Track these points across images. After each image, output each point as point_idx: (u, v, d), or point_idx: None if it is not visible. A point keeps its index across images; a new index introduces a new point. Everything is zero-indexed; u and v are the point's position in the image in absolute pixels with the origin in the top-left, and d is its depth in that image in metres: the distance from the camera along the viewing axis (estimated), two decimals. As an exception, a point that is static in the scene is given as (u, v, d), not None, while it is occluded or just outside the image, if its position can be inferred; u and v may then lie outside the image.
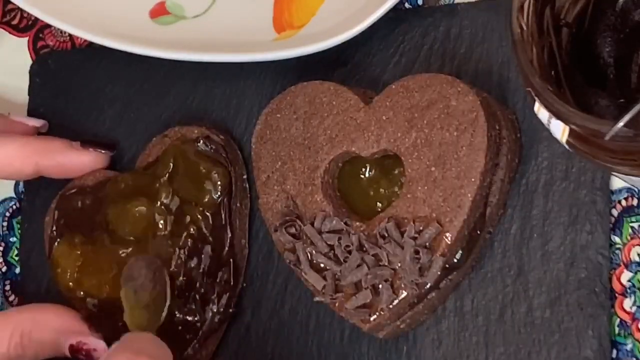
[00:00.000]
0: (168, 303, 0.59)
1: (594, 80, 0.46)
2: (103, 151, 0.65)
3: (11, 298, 0.69)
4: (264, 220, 0.59)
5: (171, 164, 0.62)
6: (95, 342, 0.63)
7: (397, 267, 0.54)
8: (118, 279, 0.62)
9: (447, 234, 0.54)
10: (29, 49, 0.72)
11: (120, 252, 0.62)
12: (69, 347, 0.62)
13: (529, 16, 0.45)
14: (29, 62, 0.71)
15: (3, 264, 0.69)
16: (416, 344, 0.57)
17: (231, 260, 0.61)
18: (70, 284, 0.63)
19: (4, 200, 0.70)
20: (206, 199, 0.61)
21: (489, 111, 0.55)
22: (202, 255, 0.61)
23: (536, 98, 0.44)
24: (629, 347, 0.54)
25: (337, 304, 0.55)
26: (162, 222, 0.61)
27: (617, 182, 0.55)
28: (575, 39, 0.47)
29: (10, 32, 0.73)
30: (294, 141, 0.58)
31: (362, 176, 0.58)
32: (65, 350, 0.62)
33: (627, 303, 0.54)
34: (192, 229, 0.61)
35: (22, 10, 0.72)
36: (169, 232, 0.61)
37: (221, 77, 0.65)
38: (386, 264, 0.54)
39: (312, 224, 0.57)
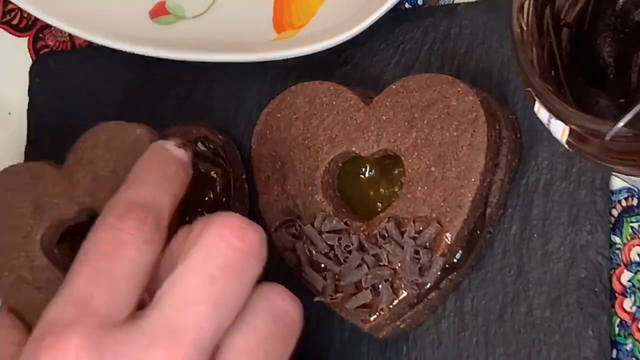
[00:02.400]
0: None
1: (594, 80, 0.46)
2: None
3: (11, 298, 0.69)
4: (264, 220, 0.59)
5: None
6: None
7: (397, 267, 0.54)
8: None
9: (447, 234, 0.54)
10: (29, 49, 0.72)
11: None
12: None
13: (529, 16, 0.45)
14: (29, 62, 0.71)
15: (3, 264, 0.69)
16: (416, 344, 0.57)
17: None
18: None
19: (4, 200, 0.70)
20: (205, 199, 0.61)
21: (489, 111, 0.55)
22: (202, 255, 0.61)
23: (536, 98, 0.44)
24: (629, 347, 0.54)
25: (337, 304, 0.55)
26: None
27: (617, 182, 0.55)
28: (575, 39, 0.47)
29: (10, 32, 0.73)
30: (294, 141, 0.58)
31: (362, 176, 0.58)
32: None
33: (627, 303, 0.54)
34: (191, 229, 0.61)
35: (22, 10, 0.72)
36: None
37: (221, 77, 0.65)
38: (386, 264, 0.54)
39: (312, 224, 0.57)
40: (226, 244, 0.49)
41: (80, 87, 0.69)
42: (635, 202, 0.55)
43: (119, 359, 0.47)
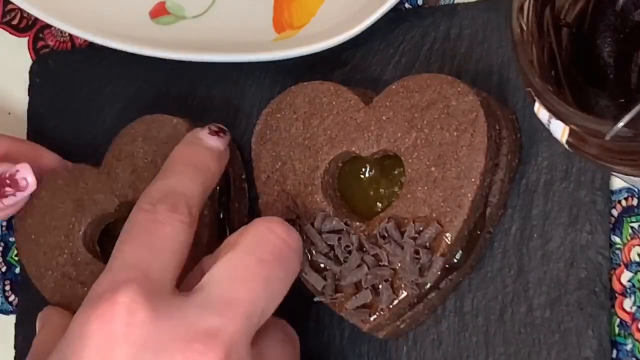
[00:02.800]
0: None
1: (594, 80, 0.46)
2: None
3: (11, 298, 0.69)
4: (264, 220, 0.59)
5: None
6: (21, 167, 0.60)
7: (397, 267, 0.54)
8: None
9: (447, 234, 0.54)
10: (29, 49, 0.72)
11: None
12: None
13: (529, 16, 0.45)
14: (29, 62, 0.71)
15: (3, 264, 0.70)
16: (416, 344, 0.57)
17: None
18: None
19: (4, 200, 0.70)
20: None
21: (489, 111, 0.55)
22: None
23: (536, 98, 0.44)
24: (629, 347, 0.54)
25: (337, 304, 0.55)
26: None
27: (617, 182, 0.55)
28: (575, 39, 0.47)
29: (10, 32, 0.73)
30: (294, 141, 0.58)
31: (362, 176, 0.58)
32: None
33: (627, 303, 0.54)
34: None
35: (22, 10, 0.72)
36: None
37: (221, 77, 0.65)
38: (386, 264, 0.54)
39: (312, 224, 0.57)
40: (275, 235, 0.52)
41: (80, 87, 0.69)
42: (635, 202, 0.55)
43: (173, 322, 0.49)
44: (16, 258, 0.69)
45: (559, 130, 0.45)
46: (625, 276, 0.54)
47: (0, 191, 0.60)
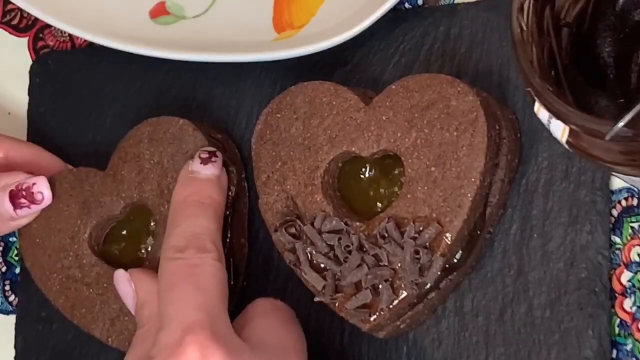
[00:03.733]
0: None
1: (594, 80, 0.46)
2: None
3: (11, 298, 0.69)
4: (264, 221, 0.59)
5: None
6: (39, 181, 0.60)
7: (397, 267, 0.54)
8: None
9: (447, 234, 0.54)
10: (29, 49, 0.72)
11: (114, 249, 0.63)
12: (9, 194, 0.60)
13: (529, 16, 0.45)
14: (29, 62, 0.71)
15: (3, 264, 0.70)
16: (416, 344, 0.57)
17: (231, 259, 0.61)
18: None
19: (4, 200, 0.70)
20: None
21: (489, 111, 0.55)
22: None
23: (536, 98, 0.44)
24: (629, 347, 0.54)
25: (337, 304, 0.55)
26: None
27: (617, 182, 0.55)
28: (575, 39, 0.47)
29: (10, 32, 0.73)
30: (294, 141, 0.58)
31: (362, 176, 0.58)
32: (5, 204, 0.60)
33: (627, 303, 0.54)
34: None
35: (22, 10, 0.72)
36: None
37: (221, 77, 0.65)
38: (386, 264, 0.54)
39: (312, 224, 0.57)
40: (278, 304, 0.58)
41: (80, 87, 0.69)
42: (635, 202, 0.55)
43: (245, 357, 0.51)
44: (16, 258, 0.69)
45: (559, 130, 0.45)
46: (625, 276, 0.54)
47: (15, 202, 0.60)
